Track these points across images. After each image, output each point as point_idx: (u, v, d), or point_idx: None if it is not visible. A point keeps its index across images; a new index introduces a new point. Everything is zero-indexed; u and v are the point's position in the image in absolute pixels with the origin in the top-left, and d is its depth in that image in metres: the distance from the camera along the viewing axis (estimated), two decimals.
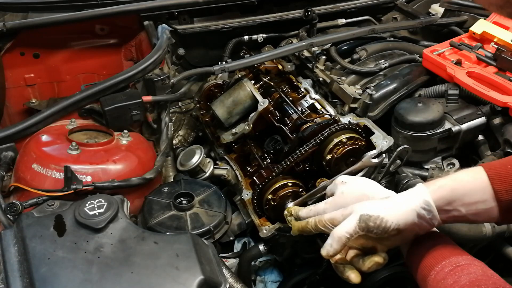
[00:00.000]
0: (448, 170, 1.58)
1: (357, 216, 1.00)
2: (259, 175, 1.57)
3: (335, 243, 1.02)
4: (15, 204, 1.20)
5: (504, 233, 1.41)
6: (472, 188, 0.99)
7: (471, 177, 1.01)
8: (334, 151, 1.45)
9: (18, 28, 1.85)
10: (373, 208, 1.00)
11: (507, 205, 0.98)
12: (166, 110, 1.70)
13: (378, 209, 1.00)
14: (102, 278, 1.02)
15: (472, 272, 0.91)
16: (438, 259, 0.96)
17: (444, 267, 0.94)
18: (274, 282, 1.65)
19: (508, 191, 0.98)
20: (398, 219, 0.98)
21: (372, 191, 1.12)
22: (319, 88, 1.83)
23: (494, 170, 1.00)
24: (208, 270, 1.07)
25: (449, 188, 1.00)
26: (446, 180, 1.02)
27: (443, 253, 0.98)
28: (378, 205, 1.01)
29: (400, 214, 0.98)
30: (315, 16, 1.99)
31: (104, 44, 2.10)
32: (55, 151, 1.41)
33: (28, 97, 2.03)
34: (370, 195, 1.11)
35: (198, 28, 2.02)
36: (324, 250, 1.04)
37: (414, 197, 1.00)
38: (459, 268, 0.92)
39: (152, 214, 1.35)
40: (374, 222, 0.98)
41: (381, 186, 1.15)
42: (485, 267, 0.94)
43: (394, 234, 0.99)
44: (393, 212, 0.99)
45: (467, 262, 0.94)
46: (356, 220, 1.00)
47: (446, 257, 0.96)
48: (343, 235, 1.01)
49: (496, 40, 1.80)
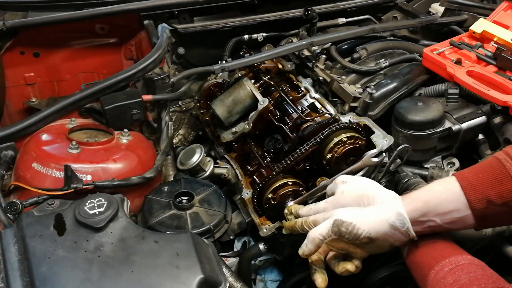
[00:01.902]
0: (448, 169, 1.58)
1: (332, 220, 1.07)
2: (259, 174, 1.57)
3: (309, 244, 1.10)
4: (15, 203, 1.20)
5: (504, 232, 1.41)
6: (445, 198, 1.02)
7: (444, 187, 1.04)
8: (334, 150, 1.45)
9: (18, 27, 1.85)
10: (348, 215, 1.06)
11: (481, 213, 1.01)
12: (166, 109, 1.70)
13: (353, 216, 1.06)
14: (102, 277, 1.02)
15: (472, 271, 0.91)
16: (438, 258, 0.97)
17: (444, 266, 0.94)
18: (274, 281, 1.65)
19: (481, 200, 1.00)
20: (369, 228, 1.04)
21: (372, 191, 1.13)
22: (319, 87, 1.83)
23: (466, 180, 1.02)
24: (208, 269, 1.08)
25: (422, 200, 1.04)
26: (419, 192, 1.07)
27: (442, 252, 0.98)
28: (354, 212, 1.07)
29: (372, 223, 1.04)
30: (315, 15, 1.99)
31: (104, 43, 2.10)
32: (55, 150, 1.41)
33: (28, 96, 2.03)
34: (370, 195, 1.12)
35: (198, 27, 2.02)
36: (300, 250, 1.13)
37: (388, 209, 1.05)
38: (459, 268, 0.93)
39: (152, 213, 1.35)
40: (346, 228, 1.05)
41: (381, 186, 1.16)
42: (485, 266, 0.94)
43: (366, 241, 1.06)
44: (366, 221, 1.05)
45: (467, 262, 0.94)
46: (330, 224, 1.07)
47: (445, 256, 0.97)
48: (317, 237, 1.08)
49: (496, 39, 1.80)
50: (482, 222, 1.03)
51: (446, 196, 1.02)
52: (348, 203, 1.14)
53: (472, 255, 0.98)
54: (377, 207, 1.08)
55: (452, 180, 1.04)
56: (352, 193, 1.14)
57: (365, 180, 1.19)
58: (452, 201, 1.02)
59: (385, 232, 1.04)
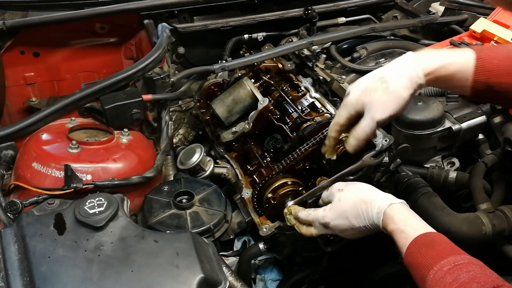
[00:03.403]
0: (448, 169, 1.58)
1: (373, 121, 1.17)
2: (259, 173, 1.57)
3: (359, 143, 1.21)
4: (15, 202, 1.20)
5: (504, 232, 1.41)
6: (455, 69, 1.14)
7: (460, 58, 1.14)
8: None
9: (18, 27, 1.85)
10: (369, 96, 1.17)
11: (479, 92, 1.14)
12: (166, 109, 1.70)
13: (387, 110, 1.15)
14: (102, 276, 1.02)
15: (471, 270, 0.91)
16: (436, 258, 0.97)
17: (443, 266, 0.94)
18: (274, 281, 1.65)
19: (484, 83, 1.12)
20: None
21: (369, 196, 1.16)
22: (319, 86, 1.83)
23: (483, 61, 1.12)
24: (208, 268, 1.08)
25: (437, 64, 1.14)
26: (438, 53, 1.17)
27: (441, 252, 0.98)
28: (384, 104, 1.15)
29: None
30: (315, 15, 1.99)
31: (104, 43, 2.10)
32: (55, 149, 1.41)
33: (28, 96, 2.03)
34: (367, 200, 1.15)
35: (198, 27, 2.02)
36: (349, 147, 1.24)
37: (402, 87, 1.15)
38: (458, 267, 0.93)
39: (152, 213, 1.35)
40: (383, 119, 1.16)
41: (377, 189, 1.18)
42: (484, 266, 0.94)
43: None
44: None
45: (465, 261, 0.94)
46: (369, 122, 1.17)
47: (444, 256, 0.97)
48: (365, 133, 1.19)
49: (496, 38, 1.80)
50: (476, 97, 1.17)
51: (458, 67, 1.13)
52: (346, 210, 1.17)
53: (472, 255, 0.98)
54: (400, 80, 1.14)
55: (470, 55, 1.13)
56: (350, 200, 1.17)
57: (361, 185, 1.22)
58: (460, 72, 1.12)
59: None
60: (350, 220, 1.16)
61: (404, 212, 1.11)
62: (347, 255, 1.58)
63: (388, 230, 1.10)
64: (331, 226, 1.20)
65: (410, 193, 1.47)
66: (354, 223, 1.16)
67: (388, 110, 1.15)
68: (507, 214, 1.40)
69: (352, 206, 1.16)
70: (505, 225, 1.40)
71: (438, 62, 1.14)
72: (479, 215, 1.40)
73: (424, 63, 1.14)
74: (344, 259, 1.62)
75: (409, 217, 1.10)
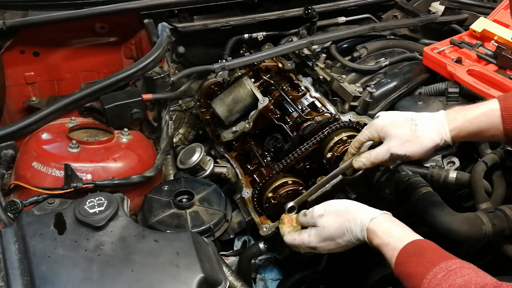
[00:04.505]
0: (448, 169, 1.58)
1: (388, 154, 1.19)
2: (259, 173, 1.57)
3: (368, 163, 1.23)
4: (15, 202, 1.20)
5: (504, 231, 1.41)
6: (484, 121, 1.16)
7: (485, 109, 1.16)
8: (334, 149, 1.45)
9: (18, 26, 1.85)
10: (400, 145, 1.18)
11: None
12: (166, 108, 1.70)
13: (407, 149, 1.17)
14: (102, 276, 1.02)
15: (466, 274, 0.91)
16: (428, 266, 0.96)
17: (436, 273, 0.93)
18: (274, 280, 1.65)
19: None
20: (420, 154, 1.18)
21: (351, 214, 1.15)
22: (319, 86, 1.83)
23: (509, 109, 1.13)
24: (208, 268, 1.08)
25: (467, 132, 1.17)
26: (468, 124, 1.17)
27: (431, 259, 0.97)
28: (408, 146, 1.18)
29: (423, 151, 1.17)
30: (315, 14, 1.99)
31: (104, 42, 2.10)
32: (55, 149, 1.41)
33: (28, 95, 2.04)
34: (350, 218, 1.15)
35: (198, 26, 2.02)
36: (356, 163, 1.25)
37: (436, 138, 1.17)
38: (451, 272, 0.92)
39: (152, 212, 1.35)
40: (401, 158, 1.21)
41: (358, 203, 1.18)
42: (476, 268, 0.94)
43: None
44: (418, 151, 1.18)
45: (458, 266, 0.93)
46: (386, 150, 1.19)
47: (436, 263, 0.96)
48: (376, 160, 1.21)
49: (496, 38, 1.80)
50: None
51: (485, 119, 1.15)
52: (331, 234, 1.17)
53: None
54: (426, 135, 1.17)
55: (494, 106, 1.15)
56: (333, 224, 1.17)
57: (340, 205, 1.21)
58: (488, 123, 1.15)
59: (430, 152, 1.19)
60: (337, 241, 1.17)
61: (386, 224, 1.10)
62: (347, 254, 1.58)
63: (374, 244, 1.10)
64: (318, 249, 1.22)
65: (410, 193, 1.47)
66: (340, 242, 1.17)
67: (406, 150, 1.17)
68: (507, 214, 1.40)
69: (337, 228, 1.16)
70: (505, 225, 1.40)
71: (463, 119, 1.17)
72: (479, 215, 1.40)
73: (451, 122, 1.18)
74: (344, 259, 1.62)
75: (392, 229, 1.09)
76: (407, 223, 1.12)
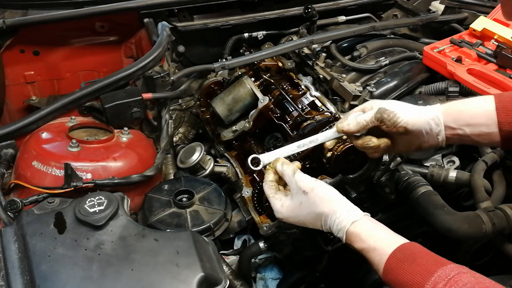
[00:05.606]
0: (448, 168, 1.58)
1: (376, 109, 1.15)
2: (259, 172, 1.57)
3: (351, 123, 1.17)
4: (15, 201, 1.20)
5: (504, 230, 1.41)
6: (478, 113, 1.13)
7: (480, 104, 1.15)
8: (334, 148, 1.44)
9: (18, 25, 1.84)
10: (391, 105, 1.16)
11: (508, 134, 1.12)
12: (166, 108, 1.70)
13: (395, 106, 1.15)
14: (103, 275, 1.02)
15: (466, 281, 0.88)
16: (425, 275, 0.93)
17: (436, 283, 0.90)
18: (274, 279, 1.65)
19: (510, 123, 1.10)
20: (408, 119, 1.13)
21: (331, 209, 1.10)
22: (319, 85, 1.83)
23: (503, 103, 1.12)
24: (208, 267, 1.08)
25: (458, 109, 1.15)
26: (457, 103, 1.18)
27: (427, 267, 0.94)
28: (397, 104, 1.17)
29: (411, 116, 1.14)
30: (315, 13, 1.99)
31: (104, 42, 2.10)
32: (55, 148, 1.41)
33: (28, 95, 2.03)
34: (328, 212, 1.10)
35: (198, 25, 2.02)
36: (339, 124, 1.20)
37: (428, 109, 1.16)
38: (452, 280, 0.89)
39: (152, 212, 1.35)
40: (388, 114, 1.14)
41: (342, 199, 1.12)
42: (473, 271, 0.91)
43: (402, 131, 1.14)
44: (407, 113, 1.14)
45: (455, 272, 0.91)
46: (374, 112, 1.16)
47: (432, 271, 0.93)
48: (361, 121, 1.16)
49: (496, 37, 1.80)
50: (508, 143, 1.12)
51: (480, 111, 1.13)
52: (305, 217, 1.13)
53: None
54: (417, 106, 1.17)
55: (490, 99, 1.14)
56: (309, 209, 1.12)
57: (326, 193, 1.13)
58: (484, 117, 1.12)
59: (420, 127, 1.14)
60: (306, 223, 1.15)
61: (370, 227, 1.07)
62: (347, 254, 1.58)
63: (356, 247, 1.07)
64: (282, 219, 1.18)
65: (410, 192, 1.47)
66: (308, 225, 1.15)
67: (395, 107, 1.15)
68: (507, 213, 1.40)
69: (311, 216, 1.12)
70: (505, 224, 1.40)
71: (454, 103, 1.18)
72: (479, 214, 1.40)
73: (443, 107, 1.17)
74: (344, 258, 1.62)
75: (376, 232, 1.06)
76: (407, 223, 1.12)
